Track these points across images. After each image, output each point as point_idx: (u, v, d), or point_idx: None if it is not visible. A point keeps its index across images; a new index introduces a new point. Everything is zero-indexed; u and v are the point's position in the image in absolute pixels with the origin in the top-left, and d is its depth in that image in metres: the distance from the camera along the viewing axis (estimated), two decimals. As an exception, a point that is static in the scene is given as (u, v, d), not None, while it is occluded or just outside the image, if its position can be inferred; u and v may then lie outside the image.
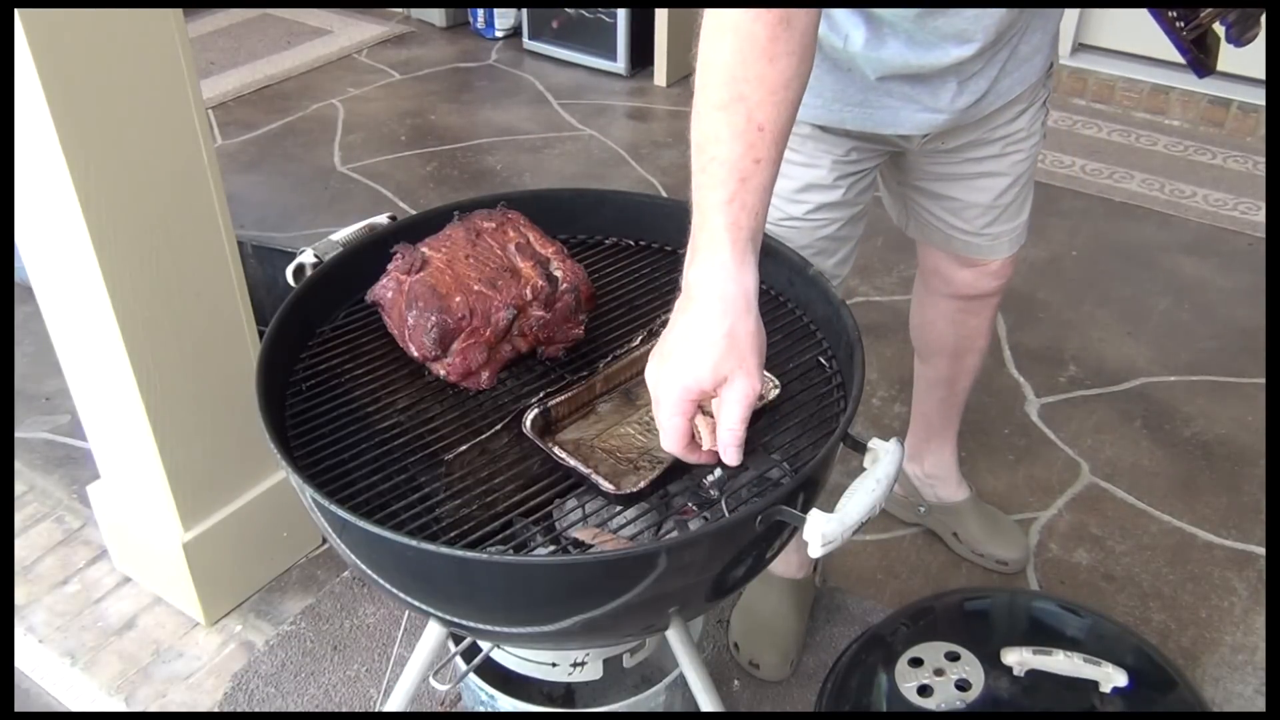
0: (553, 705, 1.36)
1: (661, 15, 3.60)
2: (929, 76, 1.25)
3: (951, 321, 1.68)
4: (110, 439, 1.69)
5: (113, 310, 1.45)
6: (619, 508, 0.98)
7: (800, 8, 0.91)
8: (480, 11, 4.07)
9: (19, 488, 2.04)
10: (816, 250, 1.41)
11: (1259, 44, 1.27)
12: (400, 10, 4.29)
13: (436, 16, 4.17)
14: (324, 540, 1.88)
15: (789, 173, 1.34)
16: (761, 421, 1.07)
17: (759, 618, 1.71)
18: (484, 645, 1.24)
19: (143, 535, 1.76)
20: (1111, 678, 1.33)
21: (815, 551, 0.87)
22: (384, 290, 1.12)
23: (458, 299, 1.08)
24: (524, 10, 3.91)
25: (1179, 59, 1.26)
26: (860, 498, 0.90)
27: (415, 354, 1.10)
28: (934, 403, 1.81)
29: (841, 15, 1.19)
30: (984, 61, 1.26)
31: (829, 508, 0.89)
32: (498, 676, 1.27)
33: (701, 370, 0.89)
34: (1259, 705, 1.65)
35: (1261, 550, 1.91)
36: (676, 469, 0.99)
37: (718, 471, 0.98)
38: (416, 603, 0.99)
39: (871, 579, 1.86)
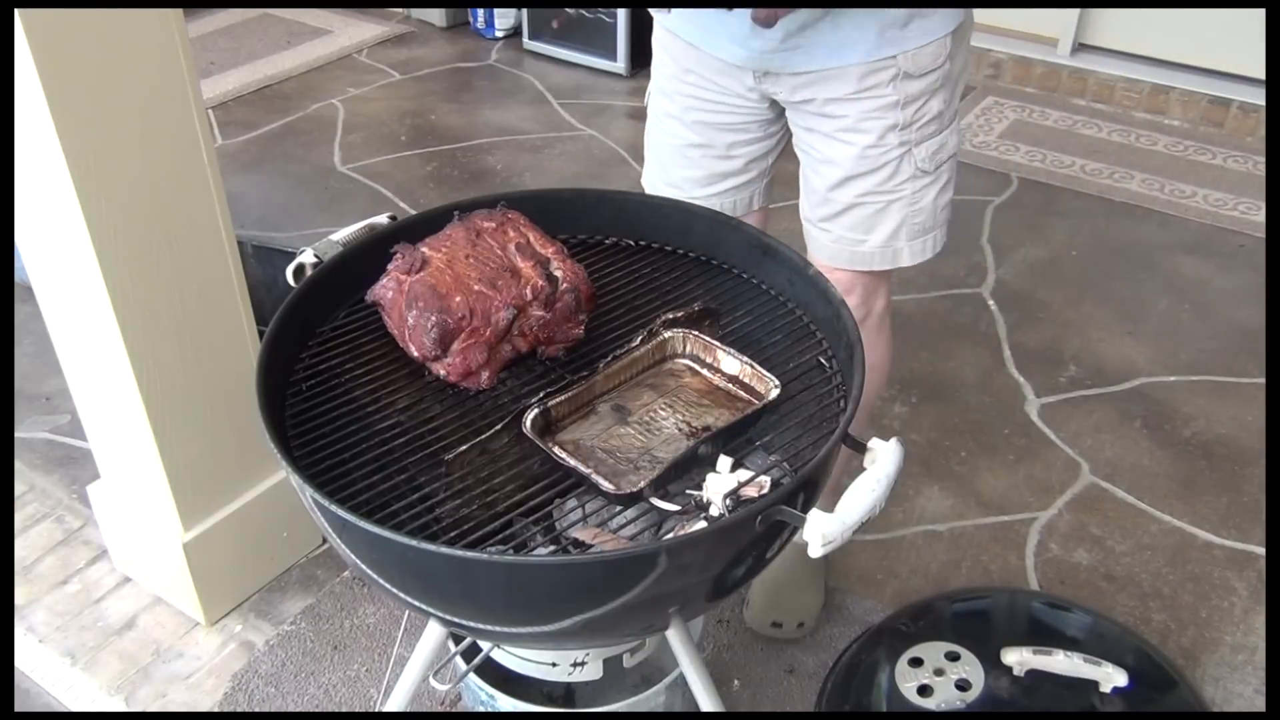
0: (553, 705, 1.36)
1: (661, 15, 3.60)
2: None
3: None
4: (110, 439, 1.69)
5: (113, 310, 1.45)
6: (619, 508, 0.98)
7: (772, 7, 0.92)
8: (480, 11, 4.06)
9: (19, 488, 2.04)
10: (661, 156, 1.54)
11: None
12: (400, 10, 4.29)
13: (436, 16, 4.17)
14: (324, 540, 1.89)
15: (654, 69, 1.52)
16: (762, 422, 1.07)
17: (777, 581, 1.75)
18: (484, 645, 1.24)
19: (143, 535, 1.76)
20: (1111, 678, 1.33)
21: (815, 551, 0.87)
22: (384, 290, 1.12)
23: (458, 299, 1.08)
24: (524, 10, 3.91)
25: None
26: (860, 498, 0.90)
27: (415, 354, 1.10)
28: None
29: None
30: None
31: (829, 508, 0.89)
32: (498, 676, 1.27)
33: None
34: (1259, 705, 1.65)
35: (1261, 550, 1.91)
36: (676, 469, 0.99)
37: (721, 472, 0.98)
38: (416, 603, 0.99)
39: (871, 579, 1.86)
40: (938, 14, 1.31)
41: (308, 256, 1.16)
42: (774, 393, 1.07)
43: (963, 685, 1.35)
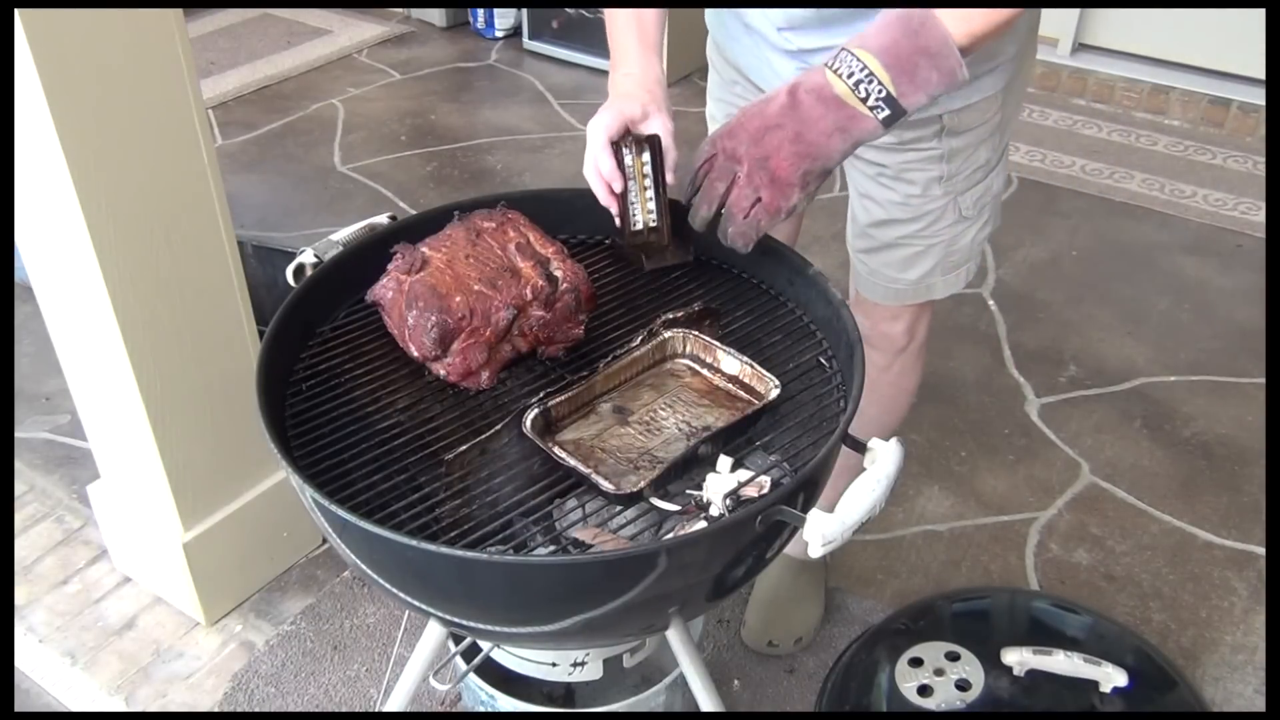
0: (553, 705, 1.36)
1: (661, 15, 3.60)
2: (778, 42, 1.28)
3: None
4: (110, 439, 1.69)
5: (113, 310, 1.45)
6: (619, 508, 0.98)
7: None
8: (480, 11, 4.06)
9: (19, 488, 2.04)
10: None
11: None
12: (400, 10, 4.29)
13: (436, 16, 4.17)
14: (324, 540, 1.89)
15: (709, 77, 1.54)
16: (762, 422, 1.07)
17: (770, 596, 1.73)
18: (484, 645, 1.24)
19: (143, 535, 1.76)
20: (1111, 678, 1.33)
21: (815, 551, 0.87)
22: (384, 290, 1.12)
23: (458, 299, 1.08)
24: (524, 10, 3.91)
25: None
26: (860, 498, 0.90)
27: (415, 354, 1.10)
28: None
29: None
30: (819, 46, 1.23)
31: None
32: (498, 676, 1.27)
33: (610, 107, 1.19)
34: (1259, 705, 1.65)
35: (1261, 550, 1.91)
36: (676, 469, 0.99)
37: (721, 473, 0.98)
38: (416, 603, 0.99)
39: (871, 579, 1.86)
40: (988, 74, 1.24)
41: (308, 256, 1.16)
42: (774, 393, 1.07)
43: (963, 685, 1.35)
